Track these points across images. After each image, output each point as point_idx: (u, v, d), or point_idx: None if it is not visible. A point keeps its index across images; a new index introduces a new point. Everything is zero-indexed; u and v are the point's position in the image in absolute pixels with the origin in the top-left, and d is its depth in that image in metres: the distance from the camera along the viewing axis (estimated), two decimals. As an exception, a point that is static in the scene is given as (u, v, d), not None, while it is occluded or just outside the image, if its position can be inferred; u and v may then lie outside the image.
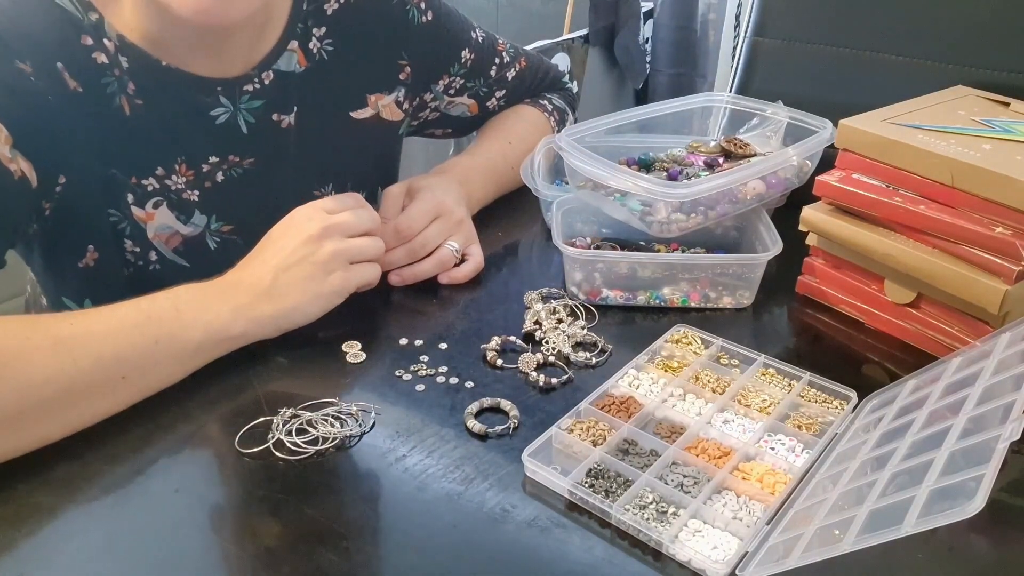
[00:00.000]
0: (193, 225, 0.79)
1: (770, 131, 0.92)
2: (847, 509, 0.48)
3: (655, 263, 0.77)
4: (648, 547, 0.52)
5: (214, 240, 0.80)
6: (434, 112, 0.98)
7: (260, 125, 0.79)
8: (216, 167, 0.78)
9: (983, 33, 0.91)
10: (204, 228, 0.79)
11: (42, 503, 0.54)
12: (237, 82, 0.76)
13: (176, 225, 0.78)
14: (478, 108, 1.01)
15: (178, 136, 0.75)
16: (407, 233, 0.80)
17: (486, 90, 0.99)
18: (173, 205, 0.77)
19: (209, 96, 0.75)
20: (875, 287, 0.75)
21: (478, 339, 0.72)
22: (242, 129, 0.78)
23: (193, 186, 0.77)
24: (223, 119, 0.76)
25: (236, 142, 0.78)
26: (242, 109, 0.77)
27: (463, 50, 0.94)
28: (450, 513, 0.54)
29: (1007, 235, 0.64)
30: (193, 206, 0.78)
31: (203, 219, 0.79)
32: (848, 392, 0.65)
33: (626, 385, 0.67)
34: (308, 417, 0.61)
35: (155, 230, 0.77)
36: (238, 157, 0.78)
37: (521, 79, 1.03)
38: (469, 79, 0.97)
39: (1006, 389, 0.50)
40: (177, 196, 0.77)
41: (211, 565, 0.51)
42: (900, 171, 0.71)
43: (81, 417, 0.59)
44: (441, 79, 0.94)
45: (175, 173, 0.76)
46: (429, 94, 0.95)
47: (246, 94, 0.77)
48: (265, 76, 0.78)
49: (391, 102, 0.90)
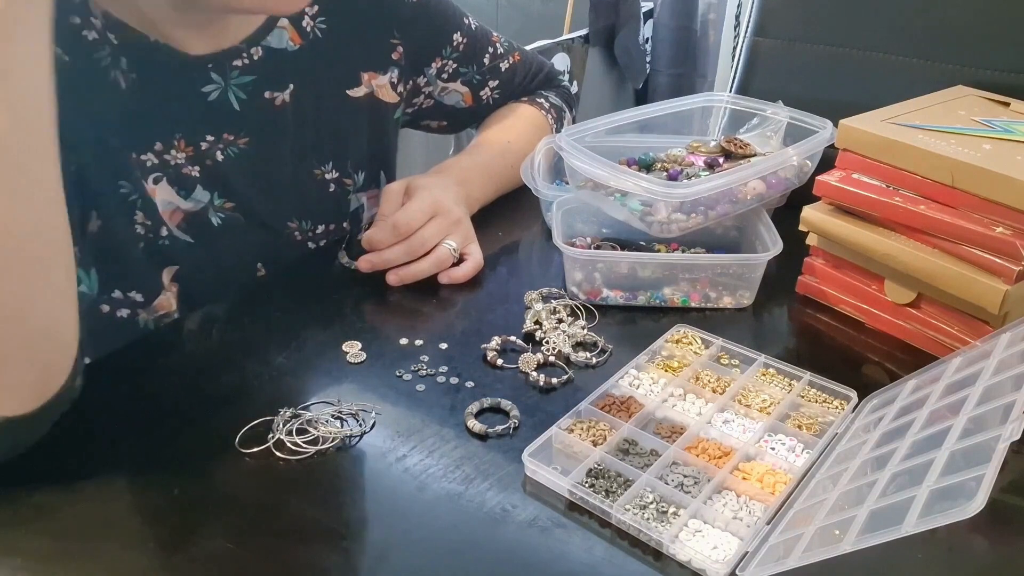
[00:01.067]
0: (194, 200, 0.78)
1: (770, 131, 0.92)
2: (847, 509, 0.48)
3: (655, 263, 0.77)
4: (648, 547, 0.52)
5: (218, 216, 0.80)
6: (428, 99, 0.98)
7: (252, 102, 0.79)
8: (213, 145, 0.78)
9: (983, 33, 0.92)
10: (207, 204, 0.79)
11: (42, 503, 0.54)
12: (226, 56, 0.76)
13: (177, 200, 0.77)
14: (472, 98, 1.01)
15: (173, 113, 0.75)
16: (404, 230, 0.80)
17: (479, 78, 1.00)
18: (172, 180, 0.76)
19: (200, 72, 0.75)
20: (875, 287, 0.75)
21: (478, 339, 0.72)
22: (234, 106, 0.78)
23: (194, 162, 0.77)
24: (215, 95, 0.76)
25: (229, 119, 0.78)
26: (232, 85, 0.77)
27: (455, 33, 0.95)
28: (450, 513, 0.54)
29: (1007, 235, 0.64)
30: (195, 182, 0.78)
31: (206, 195, 0.79)
32: (848, 392, 0.65)
33: (626, 385, 0.67)
34: (308, 417, 0.61)
35: (162, 206, 0.76)
36: (232, 135, 0.78)
37: (514, 72, 1.03)
38: (462, 64, 0.97)
39: (1006, 389, 0.50)
40: (176, 172, 0.76)
41: (211, 565, 0.51)
42: (900, 171, 0.71)
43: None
44: (434, 62, 0.95)
45: (174, 148, 0.75)
46: (422, 78, 0.95)
47: (235, 69, 0.77)
48: (255, 51, 0.78)
49: (385, 83, 0.90)
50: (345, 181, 0.90)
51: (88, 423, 0.61)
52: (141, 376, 0.68)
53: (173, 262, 0.78)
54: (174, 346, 0.74)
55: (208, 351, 0.73)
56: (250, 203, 0.82)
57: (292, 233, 0.87)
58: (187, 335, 0.75)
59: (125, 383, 0.67)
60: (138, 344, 0.73)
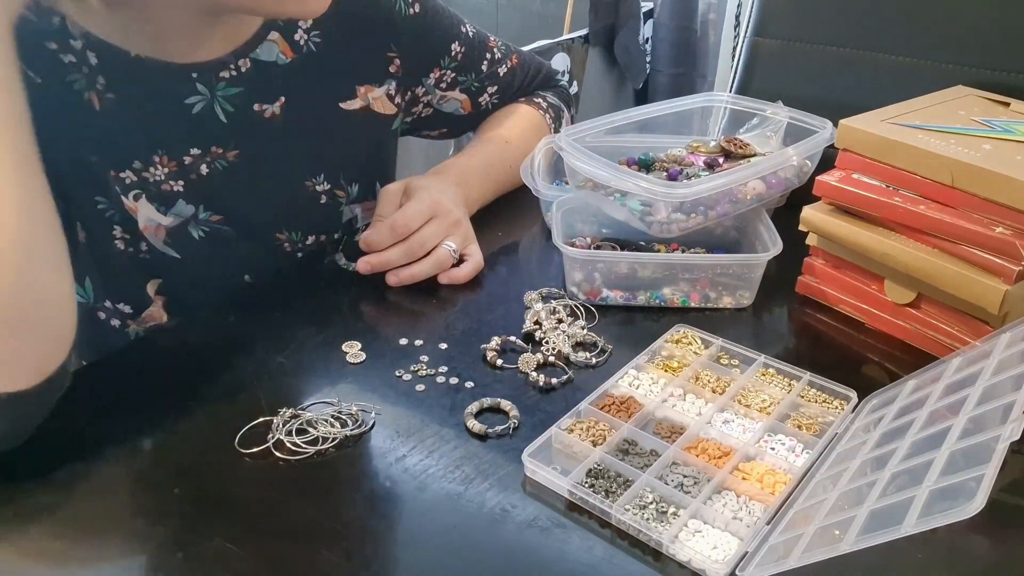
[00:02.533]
0: (173, 215, 0.78)
1: (770, 131, 0.92)
2: (847, 509, 0.48)
3: (655, 263, 0.77)
4: (648, 547, 0.52)
5: (200, 230, 0.80)
6: (427, 108, 0.98)
7: (240, 115, 0.78)
8: (199, 159, 0.77)
9: (983, 33, 0.92)
10: (189, 218, 0.79)
11: (42, 503, 0.54)
12: (211, 67, 0.76)
13: (157, 217, 0.77)
14: (471, 105, 1.01)
15: (154, 129, 0.75)
16: (402, 231, 0.80)
17: (478, 85, 0.99)
18: (152, 197, 0.76)
19: (184, 84, 0.75)
20: (875, 287, 0.75)
21: (478, 339, 0.72)
22: (220, 118, 0.77)
23: (176, 176, 0.77)
24: (199, 107, 0.76)
25: (216, 133, 0.78)
26: (219, 96, 0.77)
27: (453, 43, 0.94)
28: (450, 513, 0.54)
29: (1007, 235, 0.64)
30: (176, 196, 0.78)
31: (189, 209, 0.79)
32: (848, 392, 0.65)
33: (626, 385, 0.67)
34: (308, 417, 0.61)
35: (144, 222, 0.77)
36: (221, 149, 0.78)
37: (513, 75, 1.03)
38: (460, 73, 0.97)
39: (1006, 389, 0.50)
40: (156, 188, 0.76)
41: (211, 565, 0.51)
42: (900, 171, 0.71)
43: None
44: (432, 72, 0.94)
45: (153, 165, 0.75)
46: (420, 88, 0.95)
47: (222, 81, 0.77)
48: (242, 63, 0.77)
49: (382, 95, 0.90)
50: (338, 193, 0.89)
51: (88, 423, 0.61)
52: (141, 376, 0.68)
53: (156, 275, 0.78)
54: (174, 346, 0.74)
55: (208, 351, 0.72)
56: (238, 215, 0.81)
57: (282, 244, 0.87)
58: (187, 335, 0.75)
59: (125, 383, 0.67)
60: (138, 344, 0.73)
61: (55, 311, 0.59)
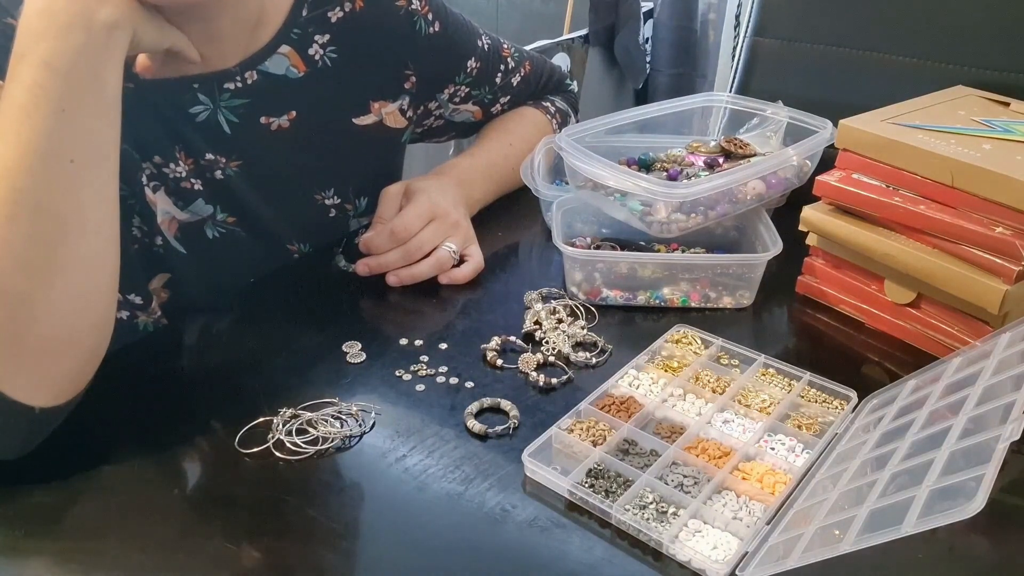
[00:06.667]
0: (191, 212, 0.78)
1: (770, 131, 0.92)
2: (847, 509, 0.48)
3: (655, 263, 0.77)
4: (648, 547, 0.52)
5: (217, 230, 0.80)
6: (438, 120, 0.98)
7: (245, 125, 0.78)
8: (213, 164, 0.78)
9: (983, 33, 0.92)
10: (208, 217, 0.80)
11: (42, 503, 0.54)
12: (216, 78, 0.75)
13: (173, 211, 0.78)
14: (482, 114, 1.01)
15: (167, 131, 0.75)
16: (402, 235, 0.80)
17: (491, 97, 0.99)
18: (171, 191, 0.77)
19: (185, 94, 0.75)
20: (875, 287, 0.75)
21: (478, 339, 0.72)
22: (224, 128, 0.77)
23: (196, 175, 0.77)
24: (203, 117, 0.76)
25: (219, 142, 0.78)
26: (222, 107, 0.77)
27: (469, 60, 0.94)
28: (450, 513, 0.54)
29: (1007, 235, 0.64)
30: (196, 195, 0.78)
31: (209, 208, 0.79)
32: (848, 392, 0.65)
33: (626, 385, 0.67)
34: (308, 417, 0.61)
35: (161, 215, 0.77)
36: (224, 157, 0.78)
37: (526, 83, 1.03)
38: (474, 87, 0.96)
39: (1006, 389, 0.50)
40: (176, 183, 0.77)
41: (211, 565, 0.51)
42: (900, 171, 0.71)
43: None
44: (446, 88, 0.94)
45: (173, 161, 0.76)
46: (434, 103, 0.94)
47: (227, 92, 0.76)
48: (248, 75, 0.77)
49: (395, 110, 0.90)
50: (346, 206, 0.90)
51: (88, 423, 0.61)
52: (141, 376, 0.68)
53: (165, 269, 0.78)
54: (174, 346, 0.74)
55: (208, 351, 0.73)
56: (252, 219, 0.82)
57: (291, 254, 0.87)
58: (187, 336, 0.75)
59: (125, 383, 0.67)
60: (138, 345, 0.73)
61: (105, 334, 0.60)
